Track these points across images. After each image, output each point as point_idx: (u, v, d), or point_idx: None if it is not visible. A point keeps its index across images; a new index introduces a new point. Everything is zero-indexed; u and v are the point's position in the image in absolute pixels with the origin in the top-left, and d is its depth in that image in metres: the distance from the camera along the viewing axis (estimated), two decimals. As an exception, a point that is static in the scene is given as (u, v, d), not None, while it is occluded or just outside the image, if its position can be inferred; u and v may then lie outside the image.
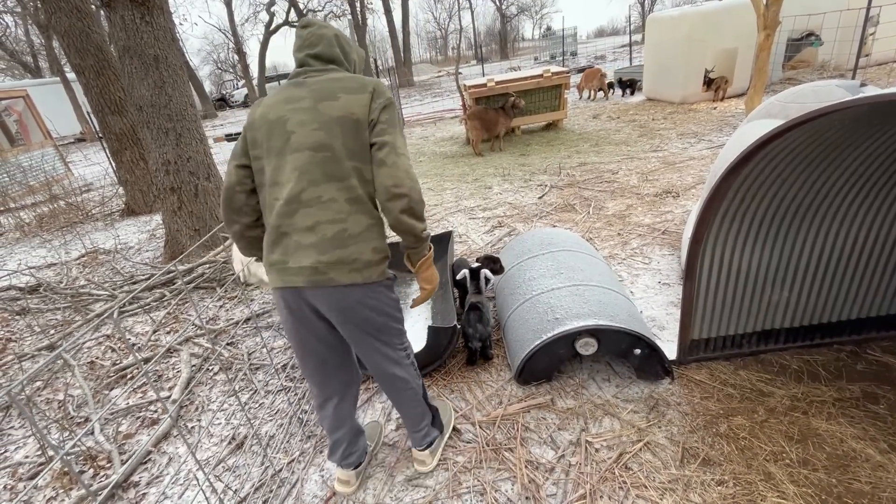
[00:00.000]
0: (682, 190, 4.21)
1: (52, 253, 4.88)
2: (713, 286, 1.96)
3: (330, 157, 1.33)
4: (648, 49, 9.16)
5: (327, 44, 1.45)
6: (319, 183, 1.33)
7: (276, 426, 2.19)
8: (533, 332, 2.12)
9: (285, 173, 1.36)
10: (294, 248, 1.36)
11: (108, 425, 2.38)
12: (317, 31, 1.45)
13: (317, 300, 1.39)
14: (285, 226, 1.37)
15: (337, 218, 1.34)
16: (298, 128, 1.34)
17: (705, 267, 1.89)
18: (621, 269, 3.11)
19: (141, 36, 3.52)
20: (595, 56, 22.38)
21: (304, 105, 1.35)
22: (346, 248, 1.34)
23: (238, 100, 28.20)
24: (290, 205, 1.35)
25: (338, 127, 1.33)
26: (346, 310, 1.41)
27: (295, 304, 1.42)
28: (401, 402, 1.71)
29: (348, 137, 1.33)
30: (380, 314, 1.47)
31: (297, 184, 1.34)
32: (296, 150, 1.34)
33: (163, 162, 3.84)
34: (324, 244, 1.33)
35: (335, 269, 1.34)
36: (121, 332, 1.24)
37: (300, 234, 1.35)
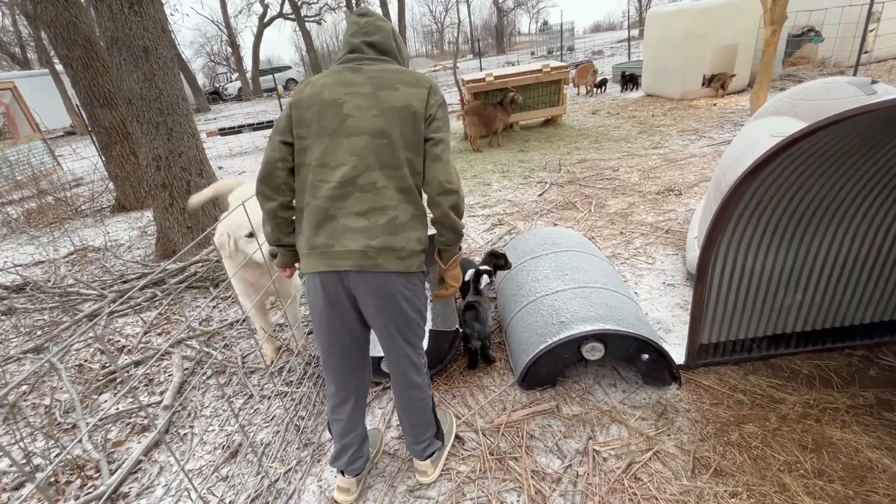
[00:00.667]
0: (684, 188, 4.15)
1: (41, 250, 4.76)
2: (724, 290, 1.90)
3: (387, 145, 1.34)
4: (648, 44, 9.08)
5: (385, 35, 1.46)
6: (374, 169, 1.34)
7: (271, 433, 2.11)
8: (537, 336, 2.05)
9: (339, 155, 1.35)
10: (342, 232, 1.34)
11: (97, 432, 2.29)
12: (375, 21, 1.47)
13: (360, 285, 1.37)
14: (335, 209, 1.35)
15: (389, 205, 1.35)
16: (356, 112, 1.35)
17: (717, 270, 1.83)
18: (625, 269, 3.05)
19: (129, 26, 3.40)
20: (592, 51, 22.26)
21: (362, 91, 1.36)
22: (395, 236, 1.35)
23: (231, 93, 27.82)
24: (344, 188, 1.34)
25: (397, 116, 1.34)
26: (387, 298, 1.40)
27: (333, 290, 1.39)
28: (410, 411, 1.65)
29: (406, 128, 1.35)
30: (412, 308, 1.47)
31: (353, 168, 1.34)
32: (353, 133, 1.35)
33: (153, 157, 3.73)
34: (375, 229, 1.33)
35: (383, 255, 1.34)
36: (103, 344, 1.15)
37: (350, 218, 1.34)
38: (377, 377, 2.25)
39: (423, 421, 1.68)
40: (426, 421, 1.68)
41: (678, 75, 8.15)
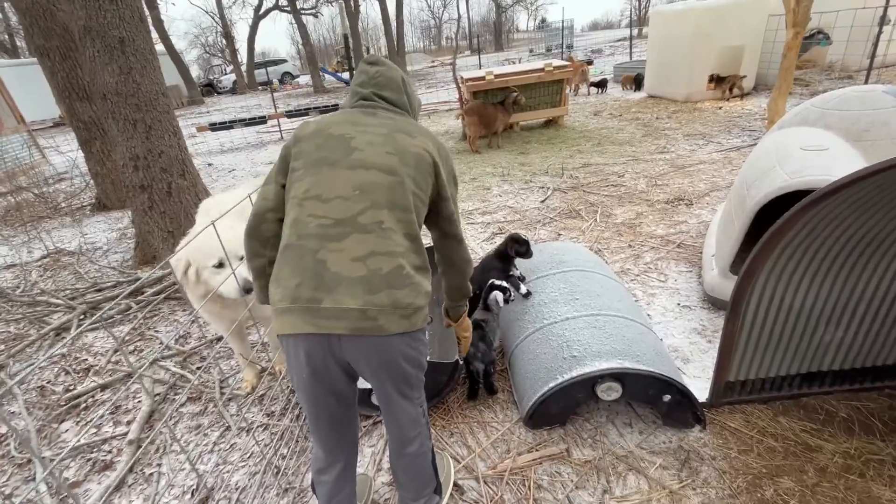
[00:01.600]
0: (694, 197, 3.95)
1: (14, 252, 4.48)
2: (758, 325, 1.69)
3: (399, 184, 1.19)
4: (651, 44, 8.87)
5: (396, 89, 1.39)
6: (382, 207, 1.16)
7: (248, 475, 1.89)
8: (546, 371, 1.84)
9: (337, 187, 1.15)
10: (333, 283, 1.07)
11: (55, 467, 2.05)
12: (386, 71, 1.40)
13: (355, 351, 1.12)
14: (325, 251, 1.10)
15: (396, 251, 1.13)
16: (367, 147, 1.21)
17: (752, 304, 1.62)
18: (635, 286, 2.84)
19: (104, 15, 3.13)
20: (591, 49, 22.04)
21: (375, 130, 1.25)
22: (402, 290, 1.10)
23: (226, 86, 27.34)
24: (342, 226, 1.12)
25: (412, 160, 1.22)
26: (387, 362, 1.16)
27: (321, 359, 1.13)
28: (407, 468, 1.42)
29: (420, 174, 1.23)
30: (414, 365, 1.25)
31: (356, 203, 1.14)
32: (360, 166, 1.18)
33: (131, 157, 3.47)
34: (377, 281, 1.08)
35: (386, 315, 1.09)
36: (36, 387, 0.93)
37: (345, 265, 1.08)
38: (367, 410, 2.03)
39: (423, 478, 1.45)
40: (426, 477, 1.46)
41: (683, 76, 7.95)
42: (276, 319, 1.14)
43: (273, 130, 10.03)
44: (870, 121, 2.28)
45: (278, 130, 9.77)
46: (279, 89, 24.05)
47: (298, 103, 15.69)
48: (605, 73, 12.88)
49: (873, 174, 1.14)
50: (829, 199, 1.27)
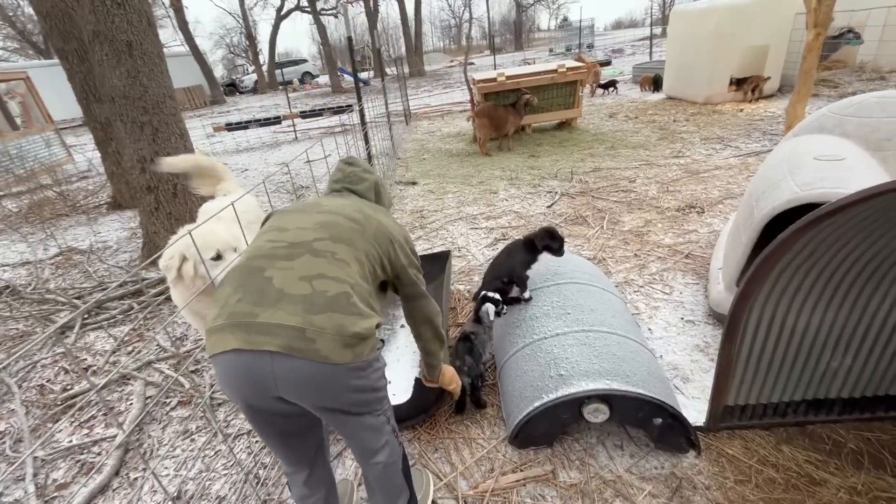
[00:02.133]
0: (707, 205, 3.79)
1: (31, 249, 4.62)
2: (758, 348, 1.59)
3: (360, 232, 1.26)
4: (671, 44, 8.62)
5: (367, 188, 1.53)
6: (340, 242, 1.19)
7: (229, 483, 1.88)
8: (532, 390, 1.77)
9: (300, 222, 1.22)
10: (274, 299, 1.01)
11: (45, 467, 2.09)
12: (360, 173, 1.55)
13: (285, 373, 1.01)
14: (273, 269, 1.06)
15: (346, 280, 1.10)
16: (336, 206, 1.32)
17: (751, 326, 1.52)
18: (638, 298, 2.74)
19: (112, 19, 3.18)
20: (612, 49, 21.64)
21: (345, 202, 1.38)
22: (346, 316, 1.04)
23: (248, 86, 27.87)
24: (295, 248, 1.12)
25: (373, 225, 1.32)
26: (330, 392, 1.07)
27: (251, 379, 1.02)
28: (377, 478, 1.36)
29: (378, 239, 1.31)
30: (368, 391, 1.17)
31: (314, 232, 1.17)
32: (327, 212, 1.28)
33: (138, 159, 3.52)
34: (321, 301, 1.02)
35: (328, 341, 1.00)
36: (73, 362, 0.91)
37: (290, 283, 1.03)
38: None
39: (394, 488, 1.40)
40: (397, 487, 1.41)
41: (703, 77, 7.70)
42: (208, 340, 1.04)
43: (288, 131, 10.14)
44: (891, 129, 2.13)
45: (293, 131, 9.87)
46: (299, 89, 24.38)
47: (315, 103, 15.85)
48: (624, 74, 12.64)
49: (880, 194, 1.04)
50: (832, 218, 1.17)
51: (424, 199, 4.91)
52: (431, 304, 1.52)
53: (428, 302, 1.51)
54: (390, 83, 15.71)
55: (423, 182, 5.49)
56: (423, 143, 7.73)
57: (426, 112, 11.00)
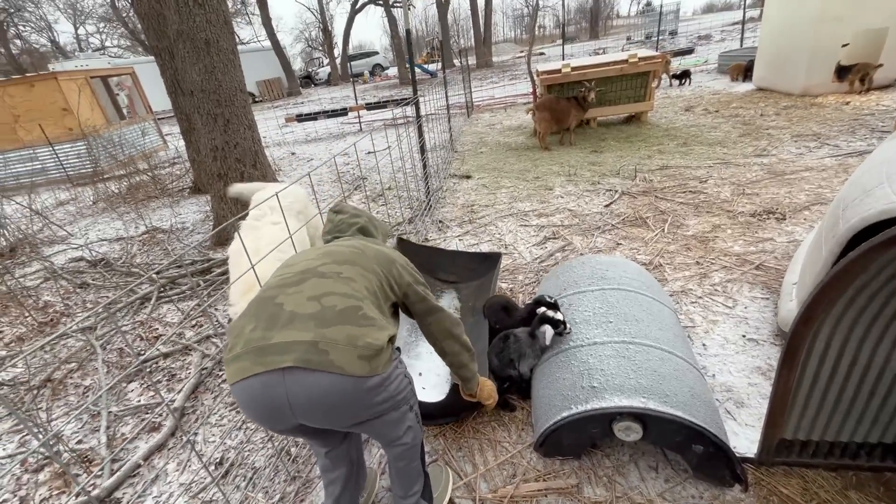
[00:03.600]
0: (790, 211, 3.39)
1: (125, 227, 5.20)
2: (824, 378, 1.40)
3: (361, 254, 1.34)
4: (765, 29, 7.76)
5: (355, 233, 1.60)
6: (344, 263, 1.26)
7: (265, 457, 2.00)
8: (562, 399, 1.70)
9: (303, 256, 1.32)
10: (286, 321, 1.05)
11: (116, 422, 2.35)
12: (347, 219, 1.62)
13: (299, 394, 1.02)
14: (283, 296, 1.13)
15: (354, 295, 1.14)
16: (334, 246, 1.41)
17: (816, 352, 1.34)
18: (694, 310, 2.52)
19: (193, 19, 3.46)
20: (699, 35, 19.94)
21: (345, 242, 1.46)
22: (358, 327, 1.06)
23: (322, 78, 29.23)
24: (303, 275, 1.19)
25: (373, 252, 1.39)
26: (346, 410, 1.08)
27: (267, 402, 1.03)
28: (397, 457, 1.42)
29: (381, 261, 1.37)
30: (388, 401, 1.19)
31: (319, 260, 1.25)
32: (328, 247, 1.39)
33: (211, 148, 3.82)
34: (330, 316, 1.06)
35: (341, 352, 1.02)
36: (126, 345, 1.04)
37: (300, 304, 1.09)
38: None
39: (412, 469, 1.44)
40: (416, 467, 1.45)
41: (801, 66, 6.85)
42: (227, 372, 1.07)
43: (353, 122, 10.50)
44: None
45: (358, 122, 10.20)
46: (369, 81, 25.14)
47: (382, 95, 16.26)
48: (708, 63, 11.60)
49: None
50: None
51: (477, 193, 4.86)
52: (448, 316, 1.50)
53: (444, 314, 1.49)
54: (455, 75, 15.67)
55: (478, 176, 5.44)
56: (483, 135, 7.65)
57: (489, 104, 10.86)
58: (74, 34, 29.99)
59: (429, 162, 4.56)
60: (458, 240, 3.78)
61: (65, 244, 4.99)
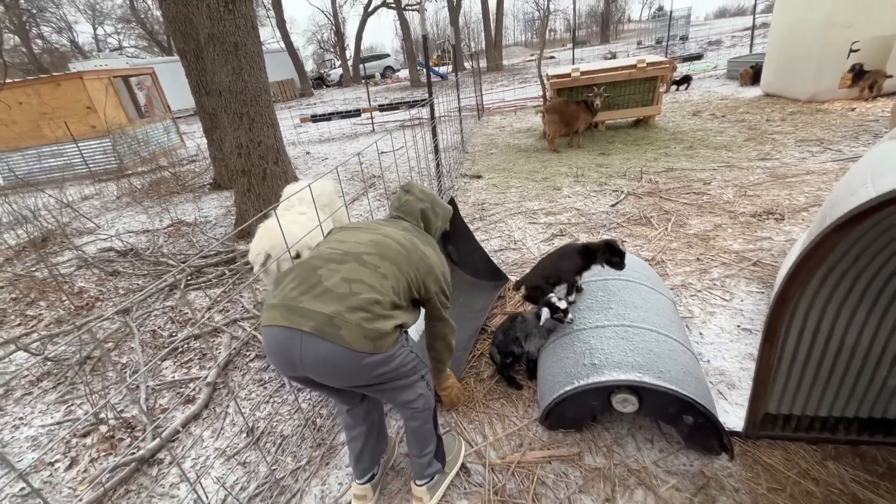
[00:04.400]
0: (788, 212, 3.52)
1: (150, 220, 5.45)
2: (802, 356, 1.55)
3: (406, 257, 1.47)
4: (774, 35, 7.86)
5: (417, 217, 1.74)
6: (386, 260, 1.41)
7: (291, 427, 2.19)
8: (565, 375, 1.86)
9: (358, 238, 1.47)
10: (319, 291, 1.28)
11: (153, 395, 2.56)
12: (413, 202, 1.76)
13: (311, 355, 1.25)
14: (325, 269, 1.33)
15: (380, 290, 1.33)
16: (390, 231, 1.54)
17: (793, 332, 1.49)
18: (693, 303, 2.67)
19: (224, 24, 3.68)
20: (709, 41, 19.97)
21: (399, 230, 1.59)
22: (371, 318, 1.27)
23: (334, 79, 29.60)
24: (347, 256, 1.38)
25: (417, 256, 1.51)
26: (348, 375, 1.31)
27: (285, 352, 1.27)
28: (409, 417, 1.62)
29: (421, 269, 1.50)
30: (392, 373, 1.40)
31: (367, 248, 1.41)
32: (381, 235, 1.49)
33: (236, 145, 4.04)
34: (353, 301, 1.26)
35: (351, 330, 1.24)
36: (188, 307, 1.23)
37: (334, 282, 1.29)
38: None
39: (423, 432, 1.63)
40: (429, 428, 1.63)
41: (809, 72, 6.95)
42: (262, 314, 1.33)
43: (366, 123, 10.73)
44: None
45: (371, 123, 10.43)
46: (380, 83, 25.44)
47: (394, 97, 16.51)
48: (718, 68, 11.68)
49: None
50: (880, 213, 1.14)
51: (487, 192, 5.03)
52: (448, 326, 1.69)
53: (446, 324, 1.67)
54: (466, 78, 15.88)
55: (488, 176, 5.61)
56: (493, 137, 7.83)
57: (499, 107, 11.04)
58: (93, 34, 30.71)
59: (441, 162, 4.74)
60: (468, 236, 3.96)
61: (94, 235, 5.24)
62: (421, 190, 1.80)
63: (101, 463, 2.14)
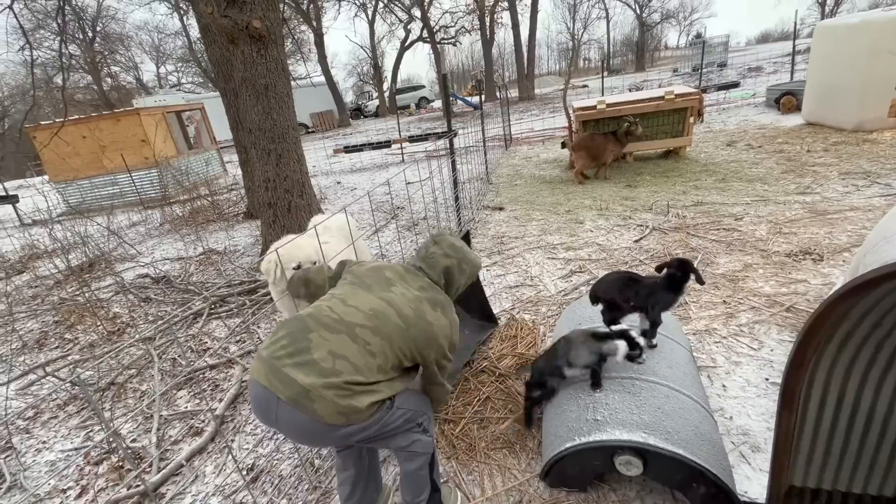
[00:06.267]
0: (828, 252, 3.28)
1: (185, 247, 5.73)
2: (826, 425, 1.40)
3: (404, 331, 1.41)
4: (814, 62, 7.57)
5: (439, 274, 1.65)
6: (378, 335, 1.37)
7: (291, 466, 2.17)
8: (567, 430, 1.76)
9: (359, 303, 1.44)
10: (302, 361, 1.29)
11: (165, 425, 2.61)
12: (440, 257, 1.66)
13: (285, 420, 1.28)
14: (316, 335, 1.33)
15: (364, 370, 1.32)
16: (399, 295, 1.48)
17: (814, 399, 1.36)
18: (717, 350, 2.50)
19: (256, 67, 3.91)
20: (749, 67, 19.48)
21: (412, 288, 1.53)
22: (350, 394, 1.28)
23: (371, 110, 30.80)
24: (341, 325, 1.37)
25: (419, 329, 1.44)
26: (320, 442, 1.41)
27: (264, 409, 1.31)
28: (404, 460, 1.59)
29: (420, 341, 1.44)
30: (375, 437, 1.42)
31: (363, 319, 1.39)
32: (385, 301, 1.44)
33: (264, 179, 4.22)
34: (334, 378, 1.26)
35: (324, 404, 1.24)
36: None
37: (321, 353, 1.30)
38: None
39: (418, 477, 1.58)
40: (421, 479, 1.59)
41: (853, 100, 6.62)
42: (252, 364, 1.38)
43: (396, 153, 11.02)
44: None
45: (401, 153, 10.70)
46: (414, 113, 26.23)
47: (426, 126, 16.94)
48: (756, 96, 11.32)
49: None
50: (890, 283, 1.03)
51: (508, 224, 5.00)
52: (442, 391, 1.65)
53: (439, 389, 1.63)
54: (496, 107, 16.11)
55: (511, 208, 5.58)
56: (518, 168, 7.83)
57: (527, 137, 11.09)
58: (156, 72, 33.55)
59: (461, 194, 4.77)
60: (485, 270, 3.91)
61: (134, 262, 5.56)
62: (450, 244, 1.69)
63: (108, 493, 2.18)
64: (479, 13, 25.55)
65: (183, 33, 26.22)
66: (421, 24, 27.14)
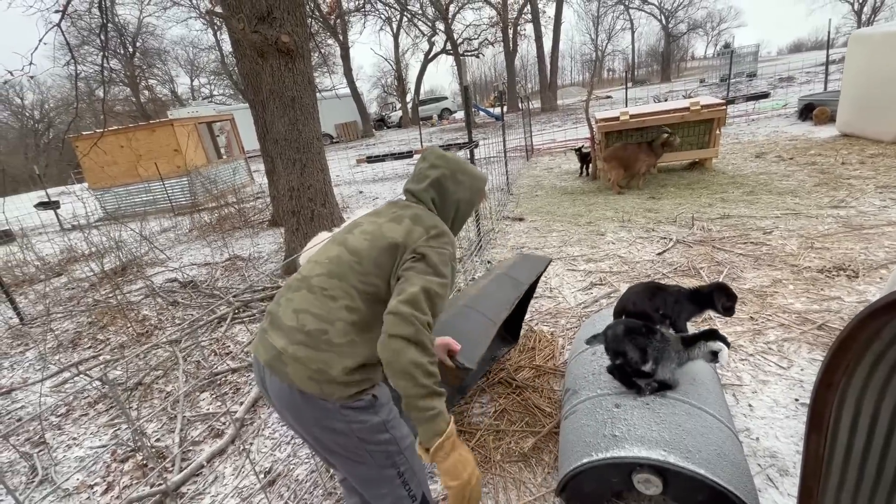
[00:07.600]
0: (863, 268, 3.15)
1: (212, 253, 5.91)
2: (859, 449, 1.33)
3: (355, 265, 1.26)
4: (849, 72, 7.33)
5: (426, 189, 1.43)
6: (334, 277, 1.26)
7: (307, 471, 2.19)
8: (584, 445, 1.73)
9: (322, 255, 1.36)
10: (276, 323, 1.27)
11: (188, 426, 2.68)
12: (426, 169, 1.46)
13: (273, 389, 1.24)
14: (283, 299, 1.32)
15: (327, 317, 1.21)
16: (359, 232, 1.34)
17: (845, 422, 1.30)
18: (744, 368, 2.41)
19: (283, 80, 4.05)
20: (780, 77, 18.98)
21: (384, 217, 1.36)
22: (315, 352, 1.17)
23: (394, 121, 31.31)
24: (302, 283, 1.31)
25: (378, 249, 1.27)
26: (296, 419, 1.22)
27: (260, 379, 1.28)
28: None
29: (382, 260, 1.26)
30: (344, 436, 1.21)
31: (320, 268, 1.30)
32: (341, 244, 1.34)
33: (288, 188, 4.33)
34: (298, 335, 1.20)
35: (295, 368, 1.17)
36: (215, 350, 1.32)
37: (286, 314, 1.26)
38: None
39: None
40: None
41: (892, 111, 6.36)
42: None
43: (418, 163, 11.14)
44: None
45: (422, 163, 10.81)
46: (437, 124, 26.52)
47: (448, 137, 17.08)
48: (787, 106, 11.01)
49: None
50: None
51: (528, 235, 4.98)
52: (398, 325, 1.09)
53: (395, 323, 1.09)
54: (518, 118, 16.14)
55: (531, 219, 5.56)
56: (540, 179, 7.80)
57: (550, 148, 11.06)
58: (190, 85, 35.01)
59: (482, 204, 4.78)
60: (504, 281, 3.90)
61: (163, 266, 5.76)
62: (440, 156, 1.47)
63: (132, 490, 2.25)
64: (502, 25, 25.78)
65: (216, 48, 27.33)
66: (444, 36, 27.54)
